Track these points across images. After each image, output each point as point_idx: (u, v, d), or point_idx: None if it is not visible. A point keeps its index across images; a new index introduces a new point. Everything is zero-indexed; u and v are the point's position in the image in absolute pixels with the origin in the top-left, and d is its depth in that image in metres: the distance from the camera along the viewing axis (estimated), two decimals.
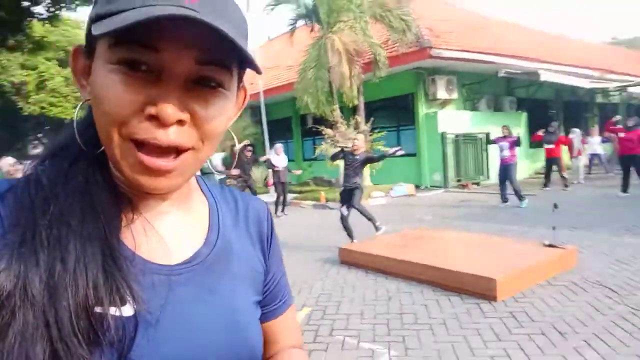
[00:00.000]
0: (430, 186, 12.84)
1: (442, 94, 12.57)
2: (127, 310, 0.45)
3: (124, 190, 0.51)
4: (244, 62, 0.50)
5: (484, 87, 13.82)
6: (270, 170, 9.95)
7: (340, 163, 7.52)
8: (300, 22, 12.54)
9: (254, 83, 13.27)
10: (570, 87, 14.91)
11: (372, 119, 11.61)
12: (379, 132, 11.93)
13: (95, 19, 0.46)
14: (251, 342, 0.56)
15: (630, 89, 17.26)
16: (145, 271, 0.49)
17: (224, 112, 0.50)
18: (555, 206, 5.11)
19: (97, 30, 0.43)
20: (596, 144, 13.04)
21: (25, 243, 0.43)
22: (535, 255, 4.60)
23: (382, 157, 6.55)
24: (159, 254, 0.52)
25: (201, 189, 0.63)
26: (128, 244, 0.49)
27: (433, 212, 8.89)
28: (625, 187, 9.43)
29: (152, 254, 0.51)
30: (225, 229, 0.60)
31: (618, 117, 11.08)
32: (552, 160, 10.94)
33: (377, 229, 6.21)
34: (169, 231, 0.54)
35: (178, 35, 0.44)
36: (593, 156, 13.45)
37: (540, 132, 10.94)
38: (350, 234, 6.21)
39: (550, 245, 4.81)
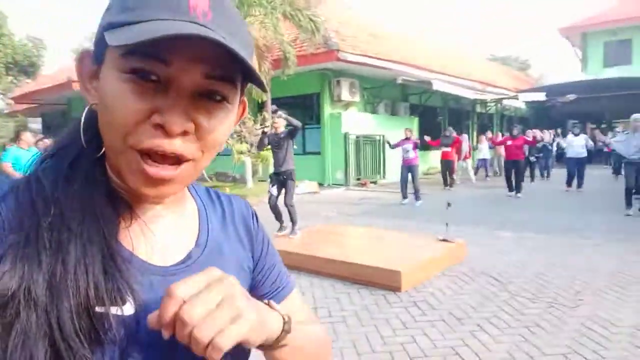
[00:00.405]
0: (333, 184, 13.31)
1: (345, 95, 13.10)
2: (128, 310, 0.47)
3: (121, 194, 0.52)
4: (247, 76, 0.52)
5: (383, 92, 14.67)
6: None
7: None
8: None
9: None
10: (456, 97, 16.49)
11: (279, 113, 11.65)
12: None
13: (107, 27, 0.47)
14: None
15: (505, 102, 19.60)
16: (143, 272, 0.50)
17: (226, 125, 0.52)
18: (449, 204, 5.65)
19: (112, 40, 0.44)
20: (485, 150, 14.67)
21: (28, 244, 0.44)
22: (432, 248, 5.06)
23: (296, 128, 6.35)
24: (155, 256, 0.54)
25: (189, 192, 0.65)
26: (126, 245, 0.51)
27: (337, 209, 9.24)
28: (510, 188, 10.75)
29: (149, 255, 0.53)
30: (213, 230, 0.63)
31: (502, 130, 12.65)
32: (447, 163, 12.08)
33: (282, 229, 6.20)
34: (163, 233, 0.56)
35: (189, 50, 0.45)
36: (481, 161, 15.09)
37: (427, 138, 12.12)
38: (279, 218, 6.13)
39: (443, 240, 5.32)
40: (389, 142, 10.43)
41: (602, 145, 15.96)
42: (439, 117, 18.42)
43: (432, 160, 16.22)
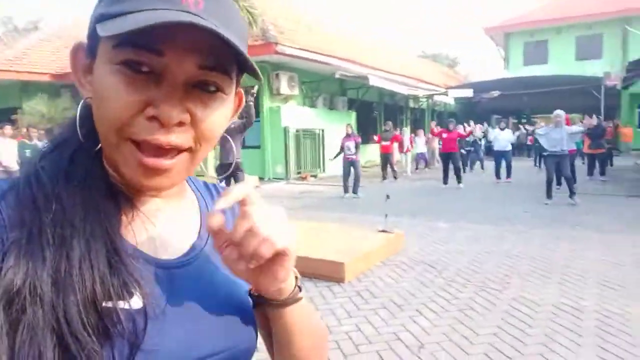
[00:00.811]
0: (273, 178, 13.27)
1: (285, 89, 13.08)
2: (136, 303, 0.47)
3: (120, 188, 0.52)
4: (242, 66, 0.52)
5: (322, 86, 14.82)
6: None
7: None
8: None
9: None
10: (391, 92, 17.04)
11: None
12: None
13: (99, 19, 0.47)
14: (247, 325, 0.59)
15: (436, 97, 20.50)
16: (148, 265, 0.50)
17: (222, 116, 0.52)
18: (388, 197, 5.86)
19: (103, 31, 0.44)
20: (422, 144, 15.33)
21: (31, 241, 0.44)
22: (372, 239, 5.24)
23: (251, 122, 6.27)
24: (158, 249, 0.54)
25: (188, 186, 0.65)
26: (129, 239, 0.51)
27: (278, 203, 9.20)
28: (445, 180, 11.26)
29: (152, 249, 0.53)
30: None
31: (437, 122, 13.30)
32: (386, 156, 12.45)
33: None
34: (165, 227, 0.56)
35: (182, 40, 0.45)
36: (419, 154, 15.73)
37: (375, 137, 12.59)
38: None
39: (383, 231, 5.52)
40: (331, 159, 10.75)
41: (525, 134, 17.27)
42: (375, 112, 18.94)
43: (370, 154, 16.65)
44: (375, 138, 12.68)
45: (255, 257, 0.47)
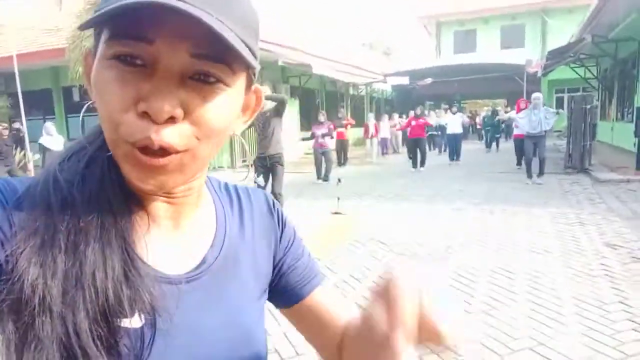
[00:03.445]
0: (218, 167, 13.19)
1: None
2: (144, 319, 0.46)
3: (135, 194, 0.50)
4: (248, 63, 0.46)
5: (265, 74, 14.80)
6: (41, 155, 8.61)
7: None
8: None
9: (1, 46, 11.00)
10: (332, 80, 17.37)
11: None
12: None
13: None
14: (255, 343, 0.58)
15: (374, 85, 21.13)
16: (157, 280, 0.48)
17: (224, 110, 0.47)
18: (339, 180, 6.17)
19: (85, 24, 0.42)
20: (385, 130, 15.90)
21: (43, 248, 0.43)
22: (328, 221, 5.53)
23: (282, 102, 5.57)
24: (168, 263, 0.52)
25: (207, 189, 0.62)
26: (141, 252, 0.49)
27: None
28: (414, 164, 11.74)
29: (162, 262, 0.51)
30: (231, 232, 0.60)
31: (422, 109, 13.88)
32: (341, 142, 12.89)
33: None
34: (177, 237, 0.54)
35: (170, 27, 0.42)
36: (383, 140, 16.29)
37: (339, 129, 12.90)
38: None
39: (336, 213, 5.83)
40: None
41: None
42: (317, 100, 19.23)
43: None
44: (340, 130, 12.94)
45: (416, 342, 0.39)
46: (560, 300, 3.42)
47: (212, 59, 0.44)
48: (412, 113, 12.56)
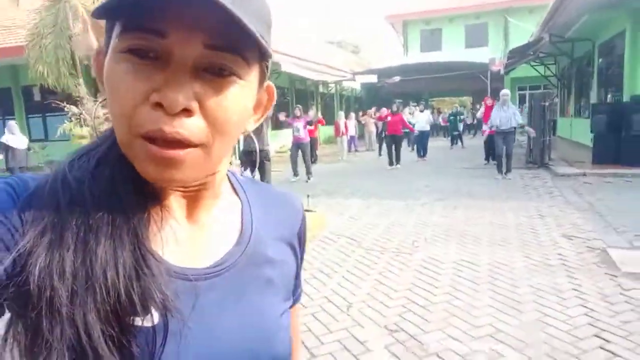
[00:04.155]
0: None
1: None
2: (158, 319, 0.44)
3: (149, 189, 0.48)
4: (264, 52, 0.46)
5: None
6: (3, 153, 8.32)
7: None
8: None
9: None
10: (302, 78, 17.41)
11: None
12: None
13: None
14: (277, 352, 0.54)
15: (344, 83, 21.29)
16: (172, 277, 0.47)
17: (239, 104, 0.47)
18: (309, 178, 6.22)
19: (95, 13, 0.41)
20: (352, 128, 16.12)
21: (53, 246, 0.42)
22: None
23: None
24: (186, 258, 0.50)
25: (232, 185, 0.60)
26: (156, 247, 0.47)
27: None
28: (391, 162, 11.72)
29: (179, 258, 0.49)
30: (258, 230, 0.58)
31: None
32: (312, 140, 12.90)
33: None
34: (197, 232, 0.53)
35: (185, 18, 0.41)
36: (352, 138, 16.49)
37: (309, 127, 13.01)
38: None
39: (306, 210, 5.86)
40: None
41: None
42: (287, 98, 19.22)
43: (284, 139, 16.92)
44: (310, 128, 12.96)
45: None
46: (518, 288, 3.59)
47: (226, 49, 0.44)
48: (384, 110, 12.69)
